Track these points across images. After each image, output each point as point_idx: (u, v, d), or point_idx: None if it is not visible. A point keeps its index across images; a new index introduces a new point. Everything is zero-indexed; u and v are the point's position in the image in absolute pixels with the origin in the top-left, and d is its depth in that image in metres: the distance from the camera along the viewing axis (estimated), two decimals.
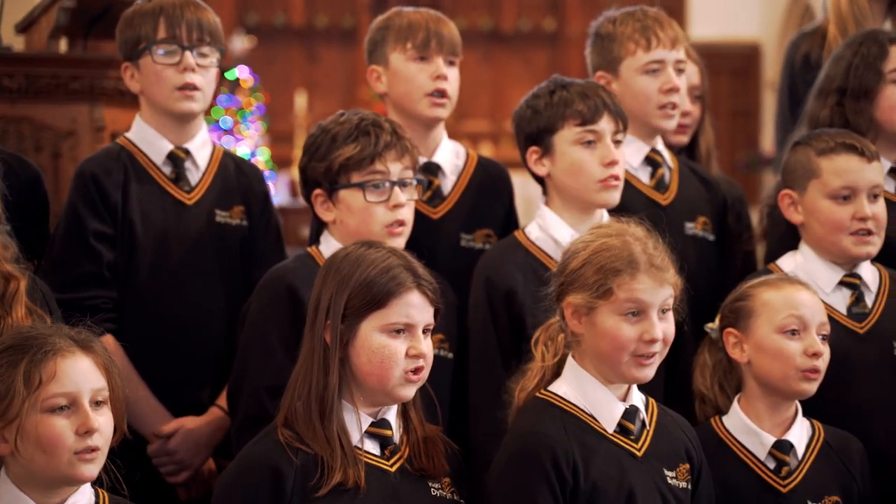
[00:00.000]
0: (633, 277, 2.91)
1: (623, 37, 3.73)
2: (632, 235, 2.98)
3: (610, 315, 2.92)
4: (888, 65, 3.80)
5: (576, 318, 2.96)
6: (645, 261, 2.93)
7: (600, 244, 2.97)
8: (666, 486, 2.95)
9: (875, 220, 3.47)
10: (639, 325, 2.92)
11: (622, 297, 2.91)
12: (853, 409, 3.39)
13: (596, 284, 2.92)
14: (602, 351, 2.93)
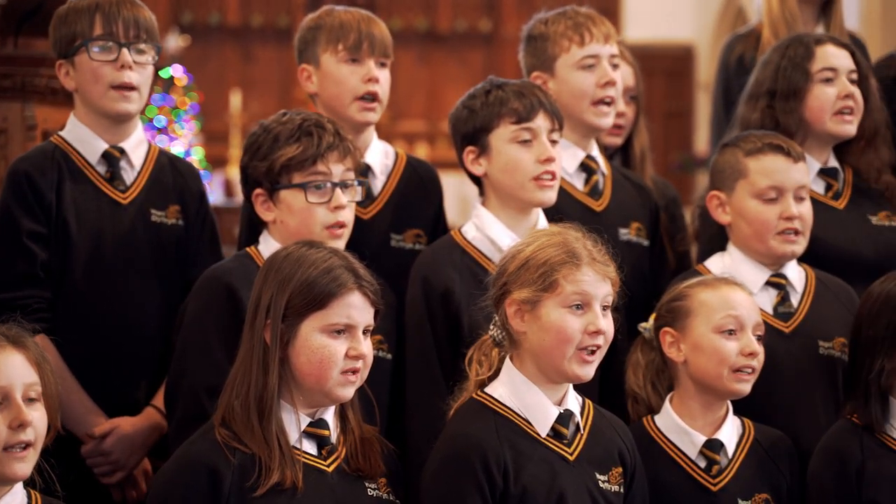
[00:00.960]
0: (577, 268, 2.94)
1: (556, 35, 3.75)
2: (570, 235, 3.01)
3: (555, 308, 2.94)
4: (815, 65, 3.85)
5: (518, 317, 2.97)
6: (586, 255, 2.97)
7: (541, 242, 3.00)
8: (597, 490, 2.97)
9: (801, 220, 3.51)
10: (583, 318, 2.94)
11: (568, 289, 2.93)
12: (779, 408, 3.44)
13: (541, 278, 2.94)
14: (546, 346, 2.94)
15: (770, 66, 3.92)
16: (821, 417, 3.45)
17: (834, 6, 4.97)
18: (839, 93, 3.83)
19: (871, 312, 3.33)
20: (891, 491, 3.22)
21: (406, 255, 3.58)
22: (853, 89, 3.85)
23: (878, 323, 3.30)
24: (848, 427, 3.31)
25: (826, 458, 3.28)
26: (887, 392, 3.30)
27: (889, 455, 3.26)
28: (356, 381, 2.91)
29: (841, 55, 3.88)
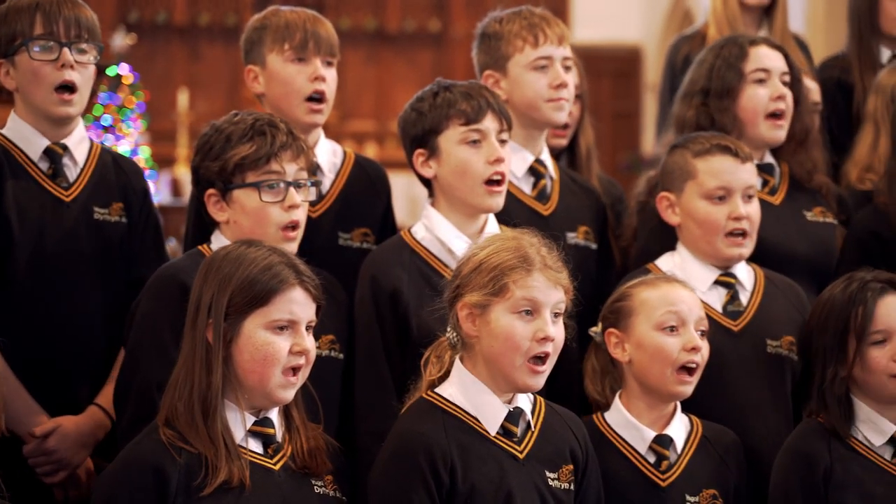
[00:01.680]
0: (528, 274, 2.95)
1: (511, 34, 3.75)
2: (526, 240, 3.01)
3: (504, 313, 2.94)
4: (748, 65, 3.89)
5: (470, 321, 2.97)
6: (539, 261, 2.97)
7: (496, 247, 3.00)
8: (547, 488, 2.98)
9: (749, 221, 3.54)
10: (532, 324, 2.94)
11: (517, 294, 2.93)
12: (728, 406, 3.45)
13: (492, 282, 2.95)
14: (495, 353, 2.95)
15: (704, 65, 3.95)
16: (769, 415, 3.48)
17: (777, 8, 5.02)
18: (771, 94, 3.87)
19: (819, 321, 3.37)
20: (858, 494, 3.24)
21: (354, 254, 3.58)
22: (785, 91, 3.88)
23: (825, 332, 3.34)
24: (815, 428, 3.32)
25: (793, 459, 3.29)
26: (849, 395, 3.33)
27: (856, 458, 3.28)
28: (297, 382, 2.91)
29: (774, 56, 3.92)
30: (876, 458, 3.29)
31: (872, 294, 3.31)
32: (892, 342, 3.29)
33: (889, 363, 3.28)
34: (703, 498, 3.23)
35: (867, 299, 3.30)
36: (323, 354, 3.31)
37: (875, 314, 3.30)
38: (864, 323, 3.29)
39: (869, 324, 3.29)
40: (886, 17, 5.12)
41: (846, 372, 3.31)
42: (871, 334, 3.29)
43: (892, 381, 3.28)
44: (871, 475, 3.26)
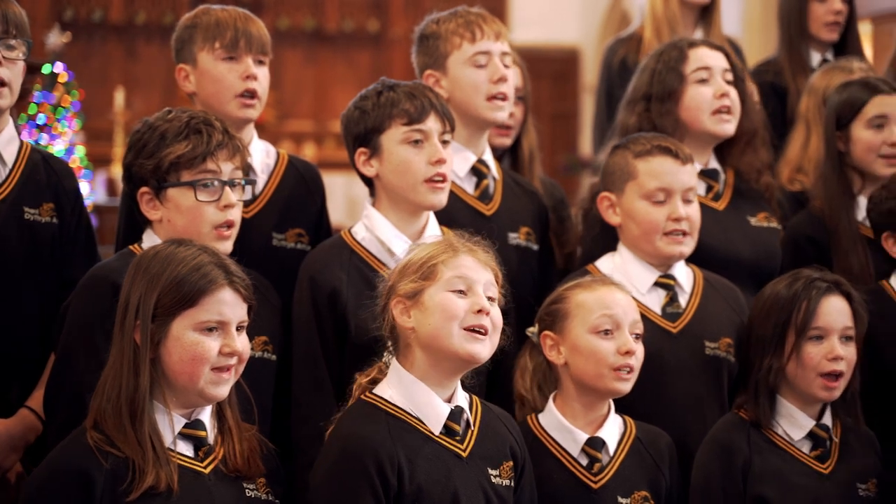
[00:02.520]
0: (455, 255, 2.97)
1: (448, 32, 3.77)
2: (450, 235, 3.06)
3: (438, 291, 2.95)
4: (689, 67, 3.92)
5: (405, 314, 2.97)
6: (465, 247, 3.00)
7: (419, 248, 3.03)
8: (490, 485, 2.98)
9: (689, 222, 3.56)
10: (468, 299, 2.95)
11: (448, 273, 2.95)
12: (667, 407, 3.48)
13: (421, 269, 2.96)
14: (433, 329, 2.94)
15: (646, 72, 3.99)
16: (706, 417, 3.50)
17: (713, 11, 5.07)
18: (715, 92, 3.90)
19: (761, 312, 3.41)
20: (776, 485, 3.29)
21: (288, 255, 3.56)
22: (728, 88, 3.91)
23: (766, 323, 3.38)
24: (735, 421, 3.38)
25: (713, 451, 3.34)
26: (775, 390, 3.37)
27: (774, 450, 3.34)
28: (230, 379, 2.88)
29: (715, 56, 3.95)
30: (795, 451, 3.35)
31: (818, 292, 3.36)
32: (828, 341, 3.34)
33: (822, 361, 3.33)
34: (635, 499, 3.24)
35: (812, 297, 3.35)
36: (256, 356, 3.29)
37: (818, 311, 3.34)
38: (807, 318, 3.34)
39: (811, 320, 3.34)
40: (815, 21, 5.20)
41: (780, 365, 3.34)
42: (811, 330, 3.33)
43: (818, 380, 3.33)
44: (789, 467, 3.32)
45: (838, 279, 3.42)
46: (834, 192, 4.13)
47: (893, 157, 4.13)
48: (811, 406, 3.38)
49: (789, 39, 5.24)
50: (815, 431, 3.36)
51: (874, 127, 4.15)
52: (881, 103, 4.16)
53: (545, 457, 3.24)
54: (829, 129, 4.22)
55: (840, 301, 3.38)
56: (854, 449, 3.40)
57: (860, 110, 4.16)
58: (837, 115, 4.19)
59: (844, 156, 4.18)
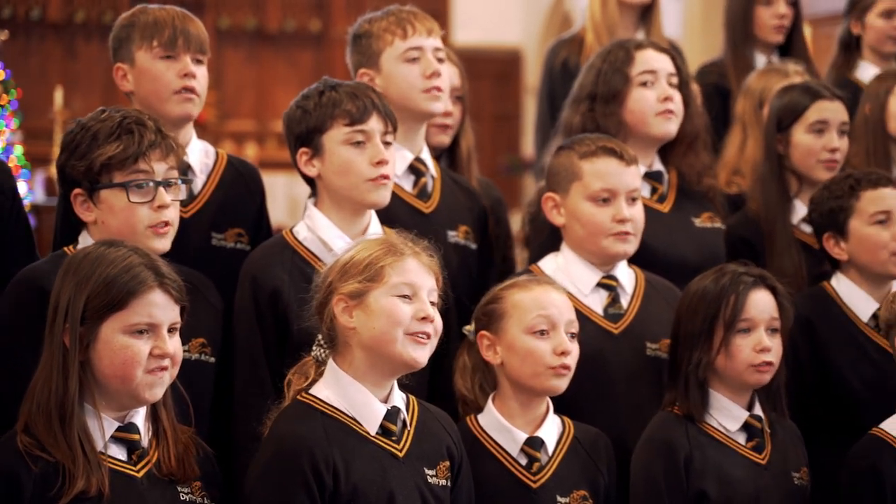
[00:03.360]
0: (401, 259, 2.97)
1: (380, 30, 3.77)
2: (390, 236, 3.06)
3: (384, 295, 2.95)
4: (634, 69, 3.94)
5: (347, 313, 2.97)
6: (409, 249, 3.01)
7: (361, 246, 3.03)
8: (426, 485, 2.98)
9: (633, 223, 3.58)
10: (413, 305, 2.96)
11: (395, 278, 2.95)
12: (608, 408, 3.49)
13: (366, 270, 2.96)
14: (377, 333, 2.94)
15: (592, 71, 4.00)
16: (647, 417, 3.50)
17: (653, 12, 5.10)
18: (659, 95, 3.92)
19: (689, 308, 3.43)
20: (717, 479, 3.31)
21: (227, 255, 3.55)
22: (673, 92, 3.94)
23: (695, 318, 3.40)
24: (671, 418, 3.40)
25: (654, 449, 3.35)
26: (705, 383, 3.40)
27: (713, 444, 3.36)
28: (163, 382, 2.85)
29: (661, 59, 3.97)
30: (732, 443, 3.38)
31: (745, 287, 3.38)
32: (756, 333, 3.37)
33: (750, 352, 3.36)
34: (574, 499, 3.26)
35: (739, 290, 3.37)
36: (193, 358, 3.28)
37: (745, 304, 3.37)
38: (735, 312, 3.36)
39: (739, 313, 3.36)
40: (760, 24, 5.25)
41: (710, 359, 3.37)
42: (739, 322, 3.36)
43: (748, 370, 3.37)
44: (728, 460, 3.35)
45: (763, 273, 3.45)
46: (771, 195, 4.18)
47: (832, 162, 4.18)
48: (742, 396, 3.41)
49: (734, 42, 5.30)
50: (749, 422, 3.40)
51: (814, 132, 4.20)
52: (822, 109, 4.21)
53: (485, 457, 3.25)
54: (769, 131, 4.27)
55: (766, 294, 3.41)
56: (783, 439, 3.44)
57: (801, 115, 4.21)
58: (778, 119, 4.24)
59: (783, 159, 4.23)
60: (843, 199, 3.82)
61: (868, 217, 3.79)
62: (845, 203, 3.82)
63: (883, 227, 3.78)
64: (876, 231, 3.78)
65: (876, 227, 3.78)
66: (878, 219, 3.79)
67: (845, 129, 4.25)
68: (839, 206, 3.82)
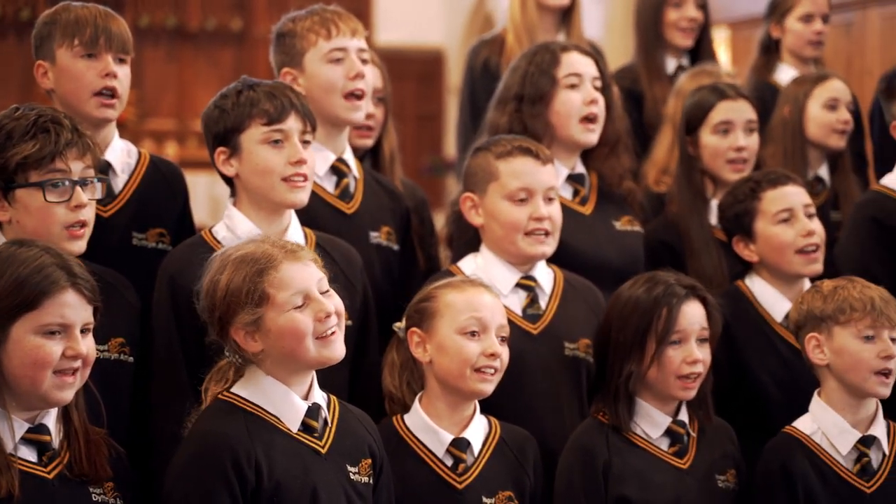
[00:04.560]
0: (278, 272, 2.94)
1: (304, 30, 3.75)
2: (254, 244, 3.01)
3: (279, 314, 2.93)
4: (561, 71, 3.97)
5: (250, 338, 2.95)
6: (279, 252, 2.97)
7: (232, 266, 2.97)
8: (349, 482, 2.98)
9: (551, 221, 3.60)
10: (309, 309, 2.94)
11: (281, 294, 2.92)
12: (527, 407, 3.51)
13: (249, 296, 2.93)
14: (287, 349, 2.94)
15: (518, 72, 4.01)
16: (565, 417, 3.54)
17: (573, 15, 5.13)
18: (584, 99, 3.95)
19: (620, 317, 3.44)
20: (636, 484, 3.34)
21: (149, 255, 3.51)
22: (597, 96, 3.97)
23: (626, 329, 3.41)
24: (595, 425, 3.42)
25: (574, 455, 3.38)
26: (633, 393, 3.42)
27: (633, 450, 3.38)
28: (75, 383, 2.82)
29: (586, 62, 4.00)
30: (654, 449, 3.40)
31: (678, 299, 3.40)
32: (687, 345, 3.39)
33: (681, 364, 3.38)
34: (499, 499, 3.26)
35: (672, 304, 3.39)
36: (112, 358, 3.25)
37: (678, 318, 3.39)
38: (668, 326, 3.38)
39: (672, 326, 3.38)
40: (670, 28, 5.31)
41: (641, 370, 3.39)
42: (671, 335, 3.38)
43: (677, 382, 3.38)
44: (649, 465, 3.37)
45: (694, 283, 3.47)
46: (686, 196, 4.23)
47: (739, 162, 4.23)
48: (668, 404, 3.44)
49: (645, 46, 5.35)
50: (671, 428, 3.42)
51: (720, 132, 4.25)
52: (726, 109, 4.26)
53: (410, 457, 3.25)
54: (680, 133, 4.32)
55: (697, 305, 3.43)
56: (712, 442, 3.46)
57: (707, 115, 4.26)
58: (687, 120, 4.29)
59: (695, 160, 4.27)
60: (746, 202, 3.87)
61: (772, 217, 3.84)
62: (749, 205, 3.86)
63: (787, 226, 3.83)
64: (781, 230, 3.83)
65: (780, 226, 3.83)
66: (782, 217, 3.83)
67: (752, 127, 4.30)
68: (743, 209, 3.87)
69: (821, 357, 3.42)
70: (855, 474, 3.37)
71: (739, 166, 4.23)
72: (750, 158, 4.27)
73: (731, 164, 4.23)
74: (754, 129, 4.31)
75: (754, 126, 4.31)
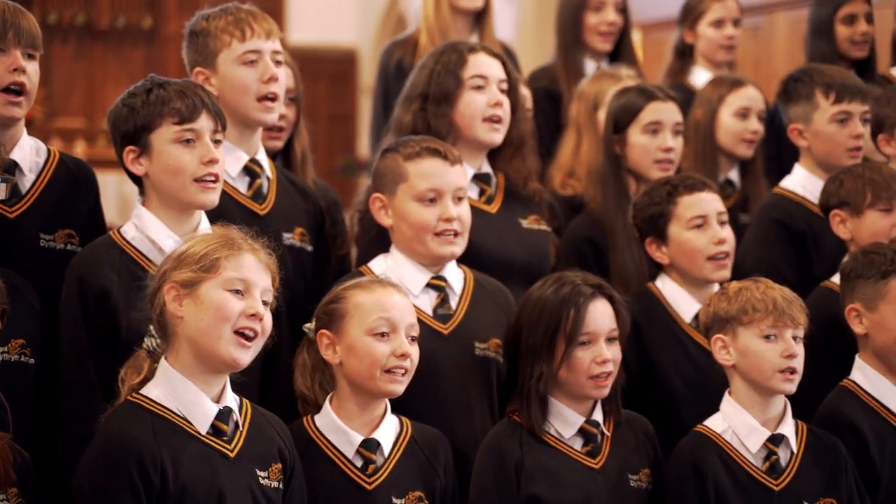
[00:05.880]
0: (238, 254, 2.97)
1: (217, 30, 3.71)
2: (231, 230, 3.05)
3: (215, 288, 2.94)
4: (467, 72, 3.98)
5: (177, 301, 2.95)
6: (247, 245, 3.00)
7: (199, 238, 3.02)
8: (258, 486, 2.98)
9: (460, 221, 3.61)
10: (243, 302, 2.96)
11: (230, 272, 2.95)
12: (437, 408, 3.51)
13: (202, 260, 2.95)
14: (203, 326, 2.93)
15: (424, 71, 4.02)
16: (475, 417, 3.55)
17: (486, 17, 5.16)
18: (489, 100, 3.96)
19: (530, 319, 3.45)
20: (548, 483, 3.35)
21: (56, 256, 3.45)
22: (502, 98, 3.98)
23: (536, 330, 3.42)
24: (509, 425, 3.43)
25: (487, 454, 3.39)
26: (546, 393, 3.43)
27: (546, 450, 3.40)
28: None
29: (493, 64, 4.01)
30: (566, 448, 3.42)
31: (585, 299, 3.41)
32: (596, 345, 3.41)
33: (591, 364, 3.39)
34: (409, 500, 3.27)
35: (579, 304, 3.40)
36: (12, 360, 3.21)
37: (585, 318, 3.40)
38: (576, 326, 3.39)
39: (580, 327, 3.39)
40: (589, 31, 5.35)
41: (552, 371, 3.40)
42: (580, 336, 3.40)
43: (589, 382, 3.40)
44: (560, 464, 3.38)
45: (600, 282, 3.49)
46: (611, 195, 4.28)
47: (666, 162, 4.29)
48: (582, 403, 3.45)
49: (565, 48, 5.39)
50: (584, 428, 3.44)
51: (649, 132, 4.31)
52: (656, 110, 4.32)
53: (320, 459, 3.24)
54: (607, 132, 4.36)
55: (604, 304, 3.44)
56: (627, 441, 3.48)
57: (636, 115, 4.32)
58: (615, 120, 4.34)
59: (621, 160, 4.32)
60: (661, 205, 3.90)
61: (686, 222, 3.87)
62: (664, 209, 3.89)
63: (700, 232, 3.86)
64: (694, 236, 3.86)
65: (693, 231, 3.86)
66: (696, 223, 3.86)
67: (679, 129, 4.36)
68: (658, 211, 3.90)
69: (727, 357, 3.47)
70: (764, 472, 3.41)
71: (666, 167, 4.29)
72: (676, 160, 4.33)
73: (658, 164, 4.29)
74: (680, 132, 4.37)
75: (680, 129, 4.37)
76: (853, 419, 3.58)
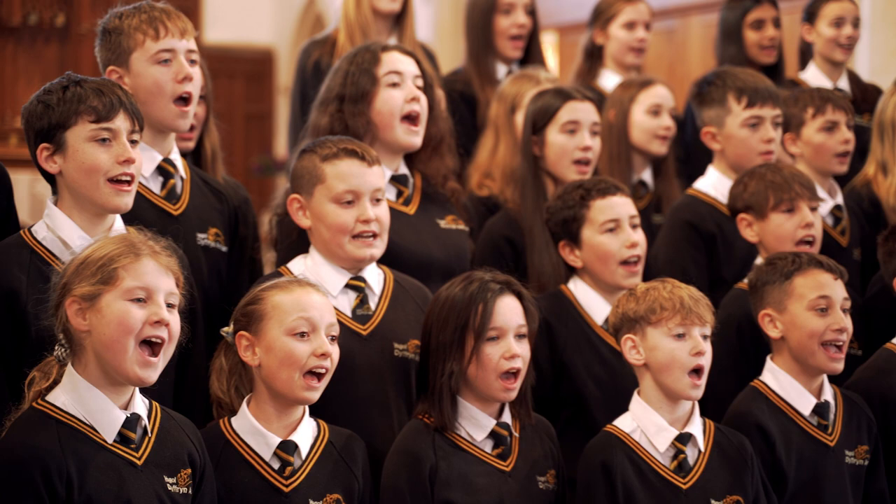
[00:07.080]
0: (137, 260, 2.93)
1: (131, 29, 3.67)
2: (131, 233, 3.01)
3: (116, 300, 2.91)
4: (381, 70, 3.99)
5: (80, 316, 2.91)
6: (147, 249, 2.97)
7: (100, 243, 2.98)
8: (166, 493, 2.96)
9: (378, 223, 3.60)
10: (146, 309, 2.93)
11: (129, 281, 2.91)
12: (356, 409, 3.51)
13: (100, 271, 2.91)
14: (107, 340, 2.90)
15: (339, 74, 4.03)
16: (394, 418, 3.55)
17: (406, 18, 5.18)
18: (405, 96, 3.98)
19: (439, 318, 3.45)
20: (461, 489, 3.35)
21: None
22: (418, 93, 4.00)
23: (445, 328, 3.42)
24: (420, 428, 3.42)
25: (399, 459, 3.38)
26: (456, 393, 3.43)
27: (459, 453, 3.40)
28: None
29: (406, 61, 4.03)
30: (478, 452, 3.42)
31: (492, 294, 3.42)
32: (505, 341, 3.42)
33: (500, 360, 3.40)
34: (327, 502, 3.25)
35: (487, 299, 3.41)
36: None
37: (493, 313, 3.41)
38: (484, 321, 3.40)
39: (488, 322, 3.40)
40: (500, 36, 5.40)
41: (461, 368, 3.41)
42: (488, 331, 3.41)
43: (497, 381, 3.40)
44: (473, 468, 3.39)
45: (509, 279, 3.50)
46: (529, 196, 4.31)
47: (584, 163, 4.33)
48: (491, 405, 3.46)
49: (476, 51, 5.42)
50: (495, 430, 3.44)
51: (567, 132, 4.35)
52: (573, 109, 4.36)
53: (236, 462, 3.22)
54: (525, 133, 4.39)
55: (513, 300, 3.45)
56: (533, 443, 3.50)
57: (554, 115, 4.36)
58: (533, 121, 4.37)
59: (539, 160, 4.36)
60: (574, 209, 3.92)
61: (599, 226, 3.90)
62: (577, 212, 3.92)
63: (613, 236, 3.89)
64: (607, 240, 3.89)
65: (606, 235, 3.89)
66: (608, 227, 3.89)
67: (596, 129, 4.40)
68: (571, 215, 3.93)
69: (637, 357, 3.50)
70: (672, 471, 3.45)
71: (583, 168, 4.33)
72: (593, 160, 4.37)
73: (576, 164, 4.33)
74: (597, 133, 4.41)
75: (598, 129, 4.41)
76: (761, 419, 3.63)
